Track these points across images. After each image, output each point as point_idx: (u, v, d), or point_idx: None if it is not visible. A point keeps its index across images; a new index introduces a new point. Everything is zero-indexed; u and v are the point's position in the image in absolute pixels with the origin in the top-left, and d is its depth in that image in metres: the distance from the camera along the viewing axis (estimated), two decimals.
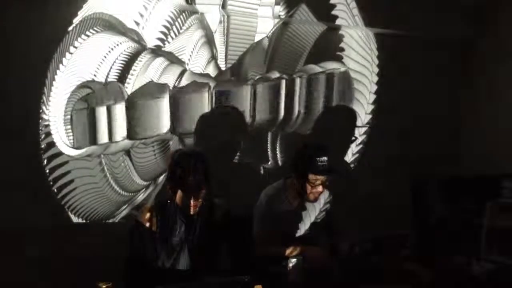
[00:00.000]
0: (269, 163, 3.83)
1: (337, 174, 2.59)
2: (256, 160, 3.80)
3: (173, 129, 3.43)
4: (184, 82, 3.44)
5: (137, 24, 3.31)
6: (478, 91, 4.27)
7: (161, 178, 3.45)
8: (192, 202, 2.27)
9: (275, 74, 3.74)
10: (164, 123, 3.40)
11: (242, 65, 3.67)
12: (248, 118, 3.69)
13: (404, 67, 4.03)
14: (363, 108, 4.13)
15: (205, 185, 2.27)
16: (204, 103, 3.50)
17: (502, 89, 4.13)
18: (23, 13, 2.97)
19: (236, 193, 3.13)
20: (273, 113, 3.79)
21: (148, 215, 2.31)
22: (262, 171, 3.83)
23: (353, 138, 4.12)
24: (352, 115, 4.07)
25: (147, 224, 2.29)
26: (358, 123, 4.13)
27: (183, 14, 3.44)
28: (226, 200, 2.49)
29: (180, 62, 3.43)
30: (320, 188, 2.57)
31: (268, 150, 3.84)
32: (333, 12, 3.92)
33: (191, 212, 2.30)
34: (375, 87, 4.14)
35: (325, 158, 2.52)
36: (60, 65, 3.12)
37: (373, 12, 3.98)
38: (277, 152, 3.85)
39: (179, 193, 2.28)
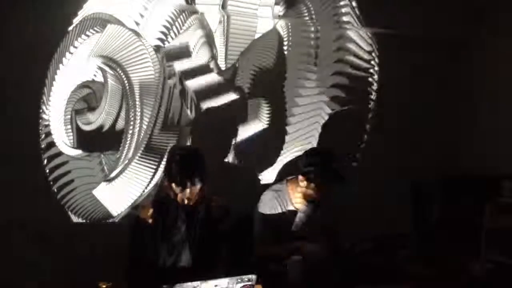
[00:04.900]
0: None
1: (344, 181, 2.59)
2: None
3: None
4: None
5: (137, 24, 3.32)
6: (478, 91, 4.27)
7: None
8: (186, 197, 2.28)
9: None
10: None
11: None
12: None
13: (404, 67, 4.03)
14: (366, 108, 4.13)
15: (201, 181, 2.27)
16: None
17: (502, 89, 4.13)
18: (24, 13, 2.98)
19: (237, 193, 3.14)
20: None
21: (148, 212, 2.31)
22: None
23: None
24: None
25: (147, 221, 2.30)
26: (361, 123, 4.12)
27: (183, 14, 3.44)
28: (226, 198, 2.49)
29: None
30: (324, 190, 2.58)
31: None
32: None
33: (185, 207, 2.31)
34: (376, 87, 4.14)
35: (334, 163, 2.55)
36: (60, 65, 3.13)
37: (373, 12, 3.98)
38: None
39: (176, 189, 2.29)
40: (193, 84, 3.49)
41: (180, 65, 3.44)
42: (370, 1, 3.96)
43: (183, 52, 3.45)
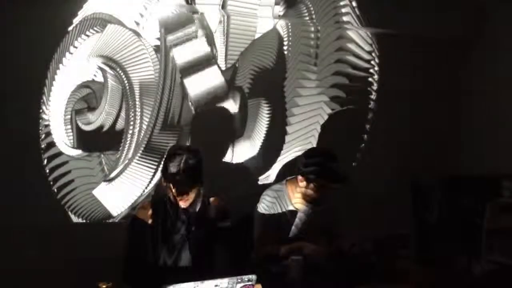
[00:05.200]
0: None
1: (342, 180, 2.59)
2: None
3: None
4: None
5: (137, 24, 3.32)
6: (478, 91, 4.27)
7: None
8: (182, 197, 2.28)
9: None
10: None
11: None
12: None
13: (404, 67, 4.03)
14: (366, 108, 4.12)
15: (196, 182, 2.28)
16: None
17: (502, 89, 4.13)
18: (23, 13, 2.98)
19: (236, 193, 3.14)
20: None
21: (147, 212, 2.32)
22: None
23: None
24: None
25: (146, 221, 2.30)
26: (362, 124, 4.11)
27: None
28: (226, 198, 2.50)
29: None
30: (324, 191, 2.58)
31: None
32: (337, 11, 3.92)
33: (182, 207, 2.31)
34: (376, 87, 4.14)
35: (334, 164, 2.56)
36: (60, 65, 3.14)
37: (374, 12, 3.98)
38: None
39: (171, 188, 2.30)
40: (193, 83, 3.50)
41: (180, 58, 3.45)
42: (370, 1, 3.96)
43: (186, 20, 3.44)
